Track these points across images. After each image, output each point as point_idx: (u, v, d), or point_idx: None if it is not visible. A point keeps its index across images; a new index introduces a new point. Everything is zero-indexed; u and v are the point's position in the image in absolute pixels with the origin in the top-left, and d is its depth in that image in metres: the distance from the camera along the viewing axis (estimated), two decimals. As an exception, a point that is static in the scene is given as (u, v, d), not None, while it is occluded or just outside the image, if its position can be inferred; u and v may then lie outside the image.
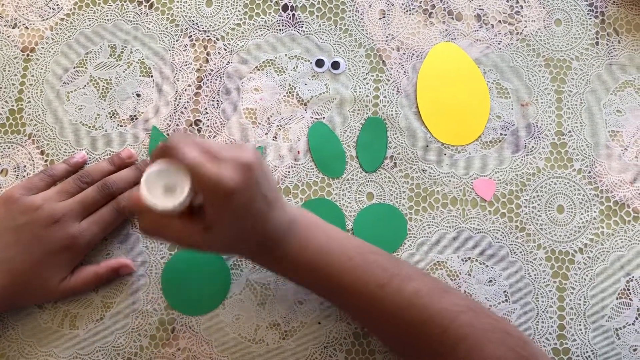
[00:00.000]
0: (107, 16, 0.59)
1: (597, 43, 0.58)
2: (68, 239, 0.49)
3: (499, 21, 0.59)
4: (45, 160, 0.56)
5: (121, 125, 0.57)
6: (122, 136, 0.56)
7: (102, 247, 0.54)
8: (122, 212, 0.52)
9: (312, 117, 0.57)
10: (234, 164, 0.40)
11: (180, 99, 0.57)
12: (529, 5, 0.59)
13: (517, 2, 0.59)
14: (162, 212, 0.42)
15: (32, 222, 0.49)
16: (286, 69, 0.58)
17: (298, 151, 0.56)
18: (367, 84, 0.57)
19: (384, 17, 0.59)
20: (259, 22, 0.59)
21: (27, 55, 0.58)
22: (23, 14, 0.59)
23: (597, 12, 0.59)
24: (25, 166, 0.56)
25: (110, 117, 0.57)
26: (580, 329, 0.53)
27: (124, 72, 0.58)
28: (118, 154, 0.55)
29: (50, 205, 0.50)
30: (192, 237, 0.43)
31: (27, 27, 0.59)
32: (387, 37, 0.58)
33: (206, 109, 0.57)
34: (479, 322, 0.42)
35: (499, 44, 0.58)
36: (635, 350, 0.52)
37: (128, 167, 0.54)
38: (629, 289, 0.53)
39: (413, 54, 0.58)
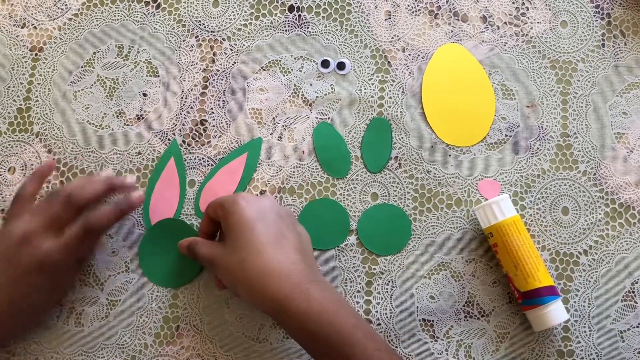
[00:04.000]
0: (114, 16, 0.59)
1: (603, 45, 0.58)
2: (40, 259, 0.47)
3: (505, 22, 0.59)
4: (52, 159, 0.56)
5: (128, 125, 0.57)
6: (129, 135, 0.57)
7: (107, 246, 0.54)
8: (90, 229, 0.49)
9: (317, 118, 0.57)
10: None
11: (186, 98, 0.58)
12: (535, 7, 0.59)
13: (523, 4, 0.59)
14: None
15: (2, 244, 0.48)
16: (292, 70, 0.58)
17: (303, 151, 0.56)
18: (373, 84, 0.58)
19: (390, 18, 0.59)
20: (265, 23, 0.59)
21: (36, 54, 0.59)
22: (32, 14, 0.60)
23: (603, 14, 0.59)
24: (32, 165, 0.56)
25: (117, 116, 0.57)
26: (585, 331, 0.53)
27: (130, 71, 0.58)
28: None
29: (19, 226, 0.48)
30: (212, 249, 0.49)
31: (35, 27, 0.59)
32: (392, 38, 0.59)
33: (212, 108, 0.57)
34: None
35: (504, 45, 0.58)
36: (639, 353, 0.52)
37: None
38: (633, 292, 0.53)
39: (418, 55, 0.58)
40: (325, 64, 0.58)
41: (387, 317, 0.53)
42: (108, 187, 0.51)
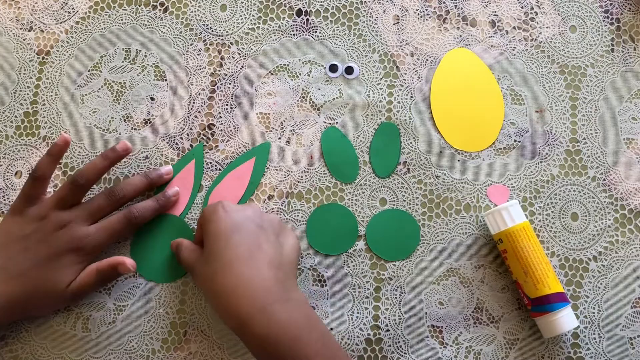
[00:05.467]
0: (121, 20, 0.59)
1: (612, 50, 0.58)
2: (74, 241, 0.50)
3: (514, 27, 0.59)
4: (60, 163, 0.56)
5: (135, 129, 0.57)
6: (136, 139, 0.56)
7: (113, 250, 0.54)
8: (134, 222, 0.52)
9: (325, 122, 0.57)
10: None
11: (194, 103, 0.57)
12: (544, 12, 0.59)
13: (532, 9, 0.59)
14: None
15: (39, 230, 0.50)
16: (300, 74, 0.58)
17: (311, 156, 0.56)
18: (381, 89, 0.57)
19: (398, 22, 0.59)
20: (273, 27, 0.59)
21: (43, 58, 0.58)
22: (39, 17, 0.59)
23: (612, 18, 0.59)
24: (39, 168, 0.56)
25: (124, 120, 0.57)
26: (595, 338, 0.52)
27: (138, 75, 0.58)
28: (113, 147, 0.53)
29: (56, 213, 0.50)
30: (192, 255, 0.50)
31: (42, 30, 0.59)
32: (401, 42, 0.58)
33: (220, 113, 0.57)
34: None
35: (513, 50, 0.58)
36: (650, 360, 0.52)
37: (121, 158, 0.53)
38: (643, 298, 0.53)
39: (427, 60, 0.58)
40: (333, 68, 0.58)
41: (395, 323, 0.53)
42: (148, 183, 0.54)
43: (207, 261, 0.48)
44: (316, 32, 0.59)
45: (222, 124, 0.57)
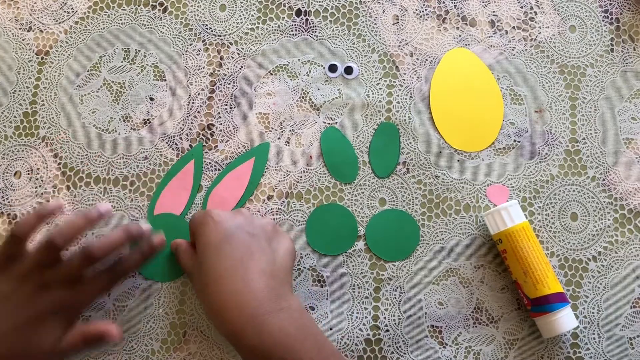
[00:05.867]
0: (121, 20, 0.59)
1: (612, 50, 0.58)
2: (58, 302, 0.47)
3: (513, 27, 0.58)
4: (59, 164, 0.56)
5: (134, 129, 0.57)
6: (135, 140, 0.56)
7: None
8: (116, 277, 0.50)
9: (324, 122, 0.57)
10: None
11: (193, 103, 0.57)
12: (543, 12, 0.59)
13: (532, 9, 0.59)
14: None
15: (19, 290, 0.47)
16: (299, 74, 0.58)
17: (310, 156, 0.56)
18: (380, 89, 0.57)
19: (398, 22, 0.59)
20: (272, 27, 0.59)
21: (42, 58, 0.58)
22: (38, 17, 0.59)
23: (612, 18, 0.59)
24: (38, 169, 0.56)
25: (124, 120, 0.57)
26: (594, 338, 0.52)
27: (137, 75, 0.58)
28: (96, 209, 0.49)
29: (37, 273, 0.47)
30: (188, 261, 0.50)
31: (41, 31, 0.59)
32: (400, 42, 0.58)
33: (219, 113, 0.57)
34: None
35: (513, 50, 0.58)
36: (649, 360, 0.52)
37: (101, 221, 0.50)
38: (643, 298, 0.53)
39: (426, 60, 0.58)
40: (332, 68, 0.58)
41: (395, 324, 0.53)
42: (126, 238, 0.50)
43: (199, 273, 0.47)
44: (315, 32, 0.59)
45: (221, 124, 0.57)
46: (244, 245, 0.47)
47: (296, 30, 0.59)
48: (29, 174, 0.56)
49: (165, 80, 0.58)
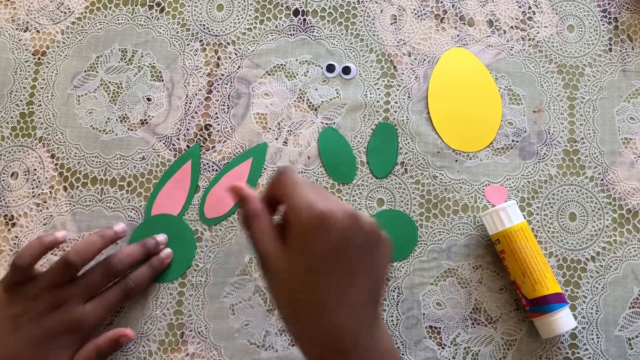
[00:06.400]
0: (118, 20, 0.59)
1: (610, 49, 0.58)
2: (70, 322, 0.48)
3: (511, 27, 0.58)
4: (56, 164, 0.56)
5: (131, 130, 0.57)
6: (133, 140, 0.56)
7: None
8: (132, 294, 0.51)
9: (322, 123, 0.57)
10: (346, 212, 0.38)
11: (190, 103, 0.57)
12: (542, 11, 0.59)
13: (530, 8, 0.59)
14: None
15: (30, 309, 0.47)
16: (297, 74, 0.58)
17: (308, 156, 0.56)
18: (378, 89, 0.57)
19: (396, 22, 0.59)
20: (269, 27, 0.59)
21: (38, 58, 0.58)
22: (34, 18, 0.59)
23: (610, 18, 0.58)
24: (35, 169, 0.56)
25: (121, 121, 0.57)
26: (593, 339, 0.52)
27: (134, 76, 0.58)
28: (111, 227, 0.51)
29: (50, 293, 0.48)
30: (269, 243, 0.40)
31: (38, 31, 0.59)
32: (398, 42, 0.58)
33: (216, 113, 0.57)
34: None
35: (511, 49, 0.58)
36: (648, 360, 0.52)
37: (118, 239, 0.51)
38: (641, 298, 0.53)
39: (424, 60, 0.58)
40: (330, 68, 0.58)
41: (393, 325, 0.53)
42: (144, 253, 0.52)
43: (291, 276, 0.39)
44: (313, 32, 0.58)
45: (219, 124, 0.57)
46: (349, 265, 0.39)
47: (294, 30, 0.59)
48: (25, 174, 0.56)
49: (162, 80, 0.58)
